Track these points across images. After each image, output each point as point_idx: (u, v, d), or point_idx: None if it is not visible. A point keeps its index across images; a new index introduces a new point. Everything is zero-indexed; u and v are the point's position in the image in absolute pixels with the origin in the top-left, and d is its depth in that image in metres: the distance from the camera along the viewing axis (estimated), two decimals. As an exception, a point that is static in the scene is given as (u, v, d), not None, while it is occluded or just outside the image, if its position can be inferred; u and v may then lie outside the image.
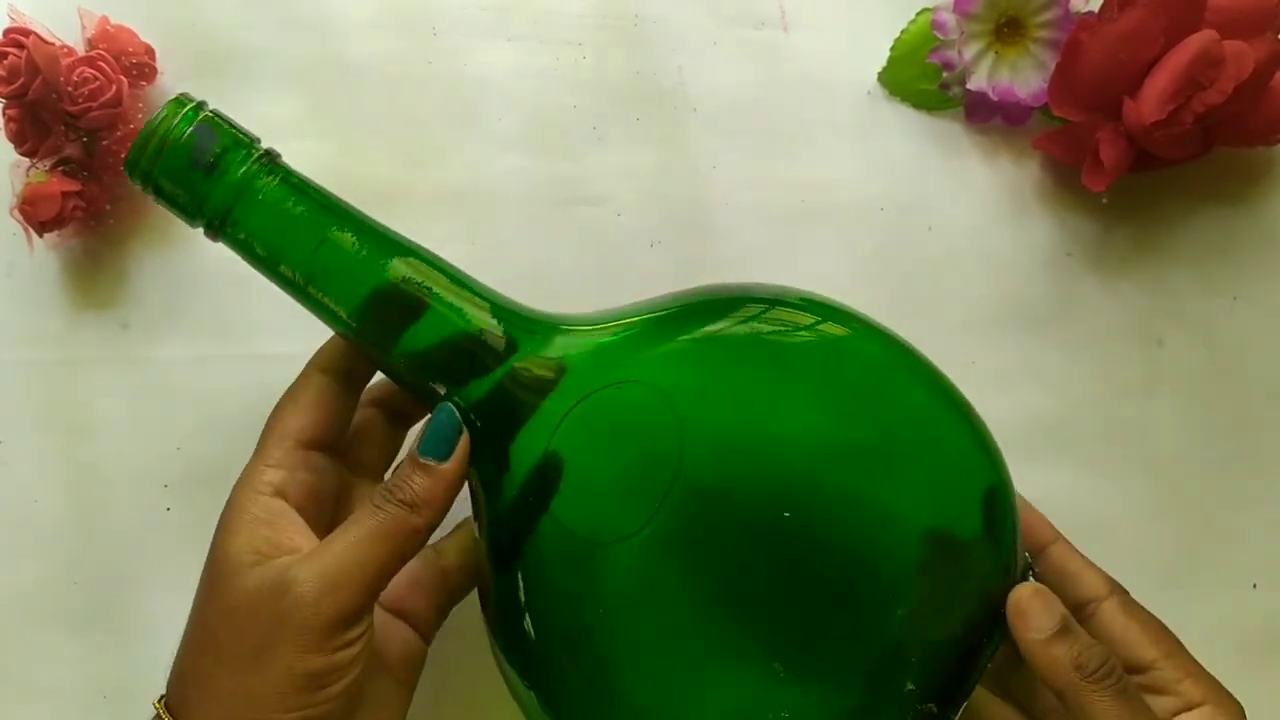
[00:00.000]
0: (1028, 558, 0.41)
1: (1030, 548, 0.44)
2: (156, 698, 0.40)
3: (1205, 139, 0.49)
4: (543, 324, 0.41)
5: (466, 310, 0.40)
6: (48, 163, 0.51)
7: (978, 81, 0.51)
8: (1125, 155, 0.49)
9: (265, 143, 0.41)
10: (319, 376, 0.42)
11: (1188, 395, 0.52)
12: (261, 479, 0.40)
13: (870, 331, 0.41)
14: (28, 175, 0.50)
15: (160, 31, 0.53)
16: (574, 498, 0.38)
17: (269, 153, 0.41)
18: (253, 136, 0.41)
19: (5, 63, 0.49)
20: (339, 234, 0.40)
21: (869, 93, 0.54)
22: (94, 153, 0.51)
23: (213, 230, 0.41)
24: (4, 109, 0.51)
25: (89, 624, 0.51)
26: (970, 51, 0.51)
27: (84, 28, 0.51)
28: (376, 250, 0.40)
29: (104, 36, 0.51)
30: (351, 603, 0.37)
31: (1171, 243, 0.52)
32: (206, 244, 0.41)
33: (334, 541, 0.38)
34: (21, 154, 0.51)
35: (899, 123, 0.53)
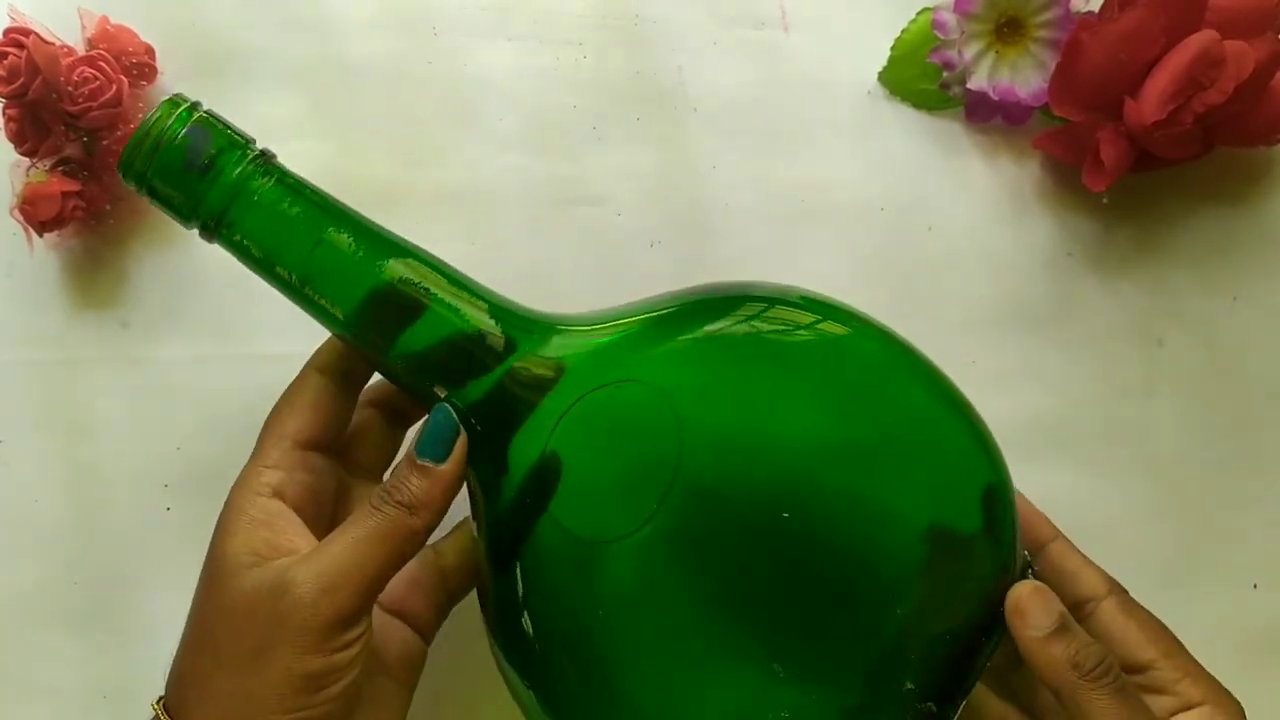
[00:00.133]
0: (1027, 556, 0.41)
1: (1029, 545, 0.44)
2: (155, 699, 0.40)
3: (1205, 139, 0.49)
4: (541, 324, 0.41)
5: (464, 310, 0.40)
6: (48, 163, 0.51)
7: (978, 81, 0.51)
8: (1125, 155, 0.49)
9: (265, 143, 0.41)
10: (317, 377, 0.42)
11: (1188, 395, 0.52)
12: (260, 480, 0.40)
13: (870, 330, 0.41)
14: (28, 175, 0.50)
15: (160, 31, 0.53)
16: (573, 497, 0.38)
17: (264, 153, 0.41)
18: (248, 137, 0.41)
19: (5, 63, 0.49)
20: (335, 235, 0.40)
21: (869, 93, 0.54)
22: (94, 153, 0.51)
23: (208, 232, 0.41)
24: (4, 109, 0.51)
25: (89, 624, 0.51)
26: (970, 51, 0.51)
27: (84, 28, 0.51)
28: (373, 251, 0.40)
29: (104, 36, 0.51)
30: (350, 604, 0.37)
31: (1171, 243, 0.52)
32: (206, 244, 0.41)
33: (332, 543, 0.38)
34: (21, 154, 0.51)
35: (899, 123, 0.53)
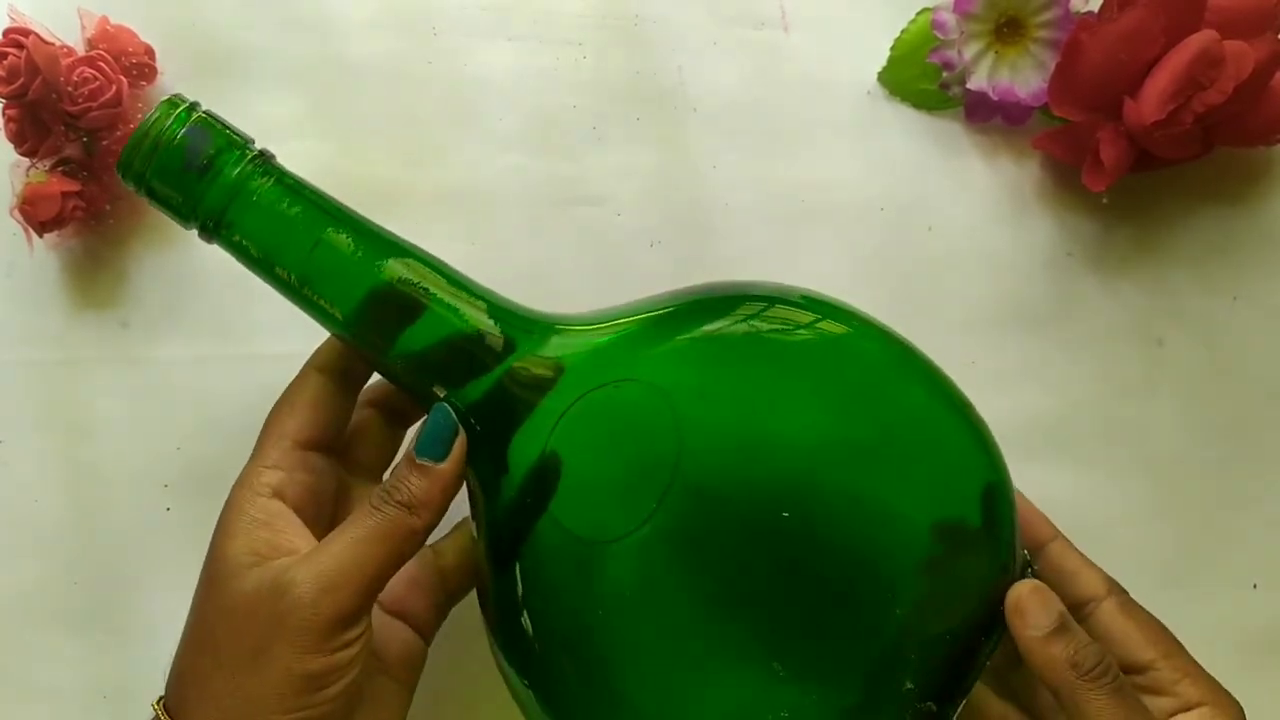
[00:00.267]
0: (1026, 555, 0.41)
1: (1029, 545, 0.44)
2: (155, 699, 0.40)
3: (1205, 139, 0.49)
4: (540, 324, 0.41)
5: (463, 310, 0.40)
6: (48, 163, 0.51)
7: (978, 81, 0.51)
8: (1125, 155, 0.49)
9: (265, 143, 0.41)
10: (316, 377, 0.42)
11: (1188, 395, 0.52)
12: (259, 480, 0.40)
13: (869, 329, 0.41)
14: (28, 175, 0.50)
15: (160, 31, 0.53)
16: (572, 497, 0.38)
17: (263, 153, 0.41)
18: (246, 137, 0.41)
19: (5, 63, 0.49)
20: (334, 235, 0.40)
21: (869, 93, 0.54)
22: (94, 153, 0.51)
23: (207, 232, 0.41)
24: (4, 109, 0.51)
25: (89, 624, 0.51)
26: (970, 51, 0.51)
27: (84, 28, 0.51)
28: (372, 251, 0.40)
29: (104, 36, 0.51)
30: (350, 603, 0.37)
31: (1171, 243, 0.52)
32: (206, 244, 0.41)
33: (332, 542, 0.38)
34: (21, 154, 0.51)
35: (899, 123, 0.53)
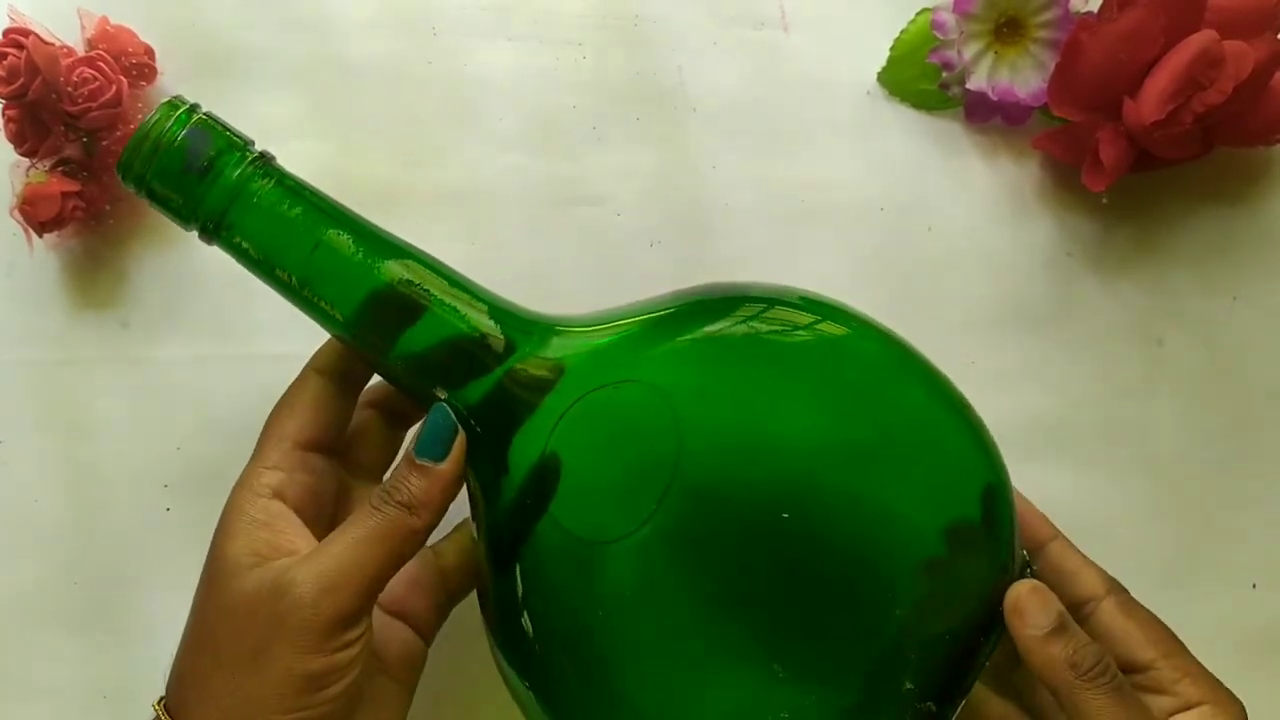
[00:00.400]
0: (1025, 555, 0.41)
1: (1029, 545, 0.44)
2: (156, 699, 0.40)
3: (1205, 139, 0.49)
4: (540, 325, 0.41)
5: (463, 312, 0.40)
6: (48, 163, 0.51)
7: (977, 81, 0.51)
8: (1125, 155, 0.49)
9: (265, 143, 0.41)
10: (316, 378, 0.42)
11: (1188, 395, 0.52)
12: (260, 481, 0.40)
13: (868, 330, 0.41)
14: (28, 175, 0.50)
15: (160, 31, 0.53)
16: (572, 498, 0.38)
17: (264, 155, 0.41)
18: (247, 139, 0.41)
19: (5, 63, 0.49)
20: (335, 237, 0.40)
21: (869, 93, 0.54)
22: (94, 153, 0.51)
23: (207, 234, 0.41)
24: (4, 109, 0.51)
25: (89, 624, 0.51)
26: (970, 51, 0.51)
27: (84, 28, 0.51)
28: (372, 253, 0.40)
29: (104, 36, 0.51)
30: (350, 604, 0.37)
31: (1171, 243, 0.52)
32: (206, 245, 0.41)
33: (332, 543, 0.38)
34: (21, 154, 0.51)
35: (899, 123, 0.53)
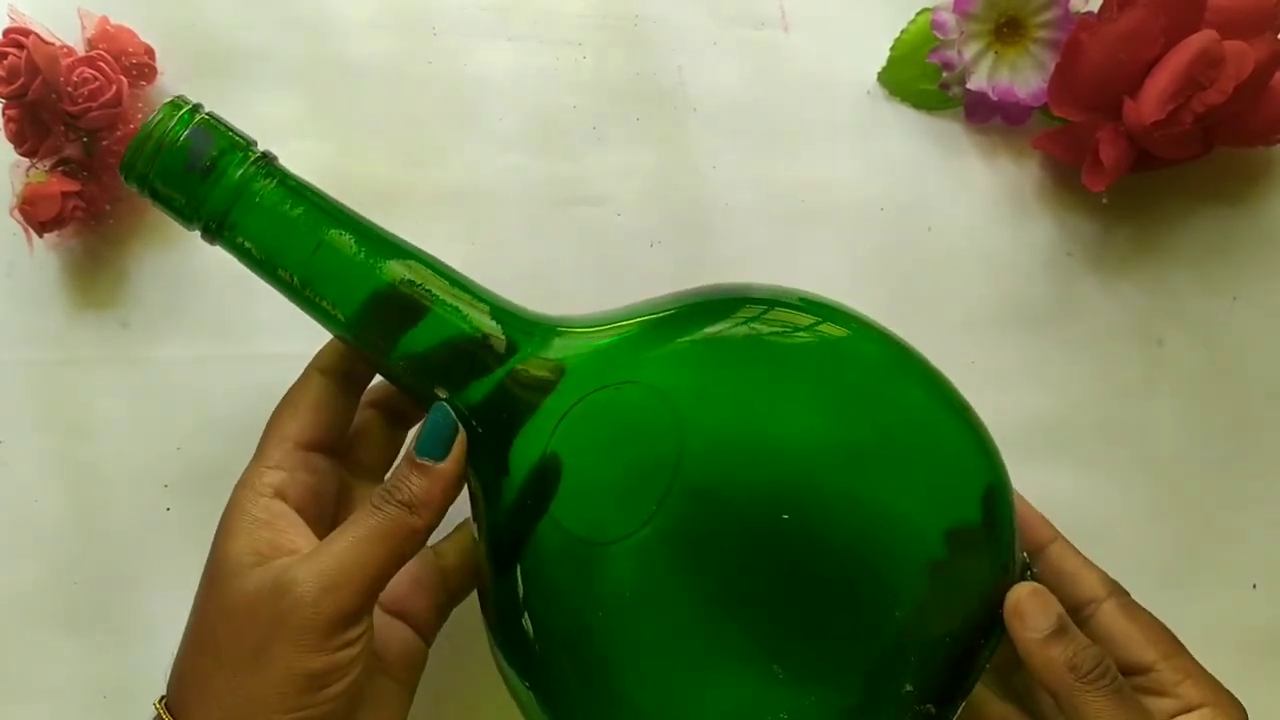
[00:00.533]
0: (1025, 557, 0.41)
1: (1029, 547, 0.44)
2: (157, 698, 0.40)
3: (1205, 139, 0.49)
4: (541, 325, 0.41)
5: (465, 312, 0.40)
6: (48, 163, 0.51)
7: (978, 81, 0.51)
8: (1125, 155, 0.49)
9: (266, 143, 0.41)
10: (319, 378, 0.42)
11: (1188, 395, 0.52)
12: (261, 480, 0.40)
13: (869, 332, 0.41)
14: (28, 175, 0.50)
15: (160, 31, 0.53)
16: (573, 498, 0.38)
17: (266, 155, 0.41)
18: (249, 139, 0.41)
19: (5, 63, 0.49)
20: (337, 237, 0.40)
21: (869, 93, 0.54)
22: (94, 153, 0.51)
23: (210, 233, 0.41)
24: (4, 109, 0.51)
25: (89, 624, 0.51)
26: (970, 51, 0.51)
27: (84, 28, 0.51)
28: (374, 253, 0.40)
29: (104, 36, 0.51)
30: (351, 602, 0.37)
31: (1171, 243, 0.52)
32: (206, 244, 0.41)
33: (333, 542, 0.38)
34: (21, 154, 0.51)
35: (899, 123, 0.53)
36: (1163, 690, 0.40)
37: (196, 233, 0.41)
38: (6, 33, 0.50)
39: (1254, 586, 0.51)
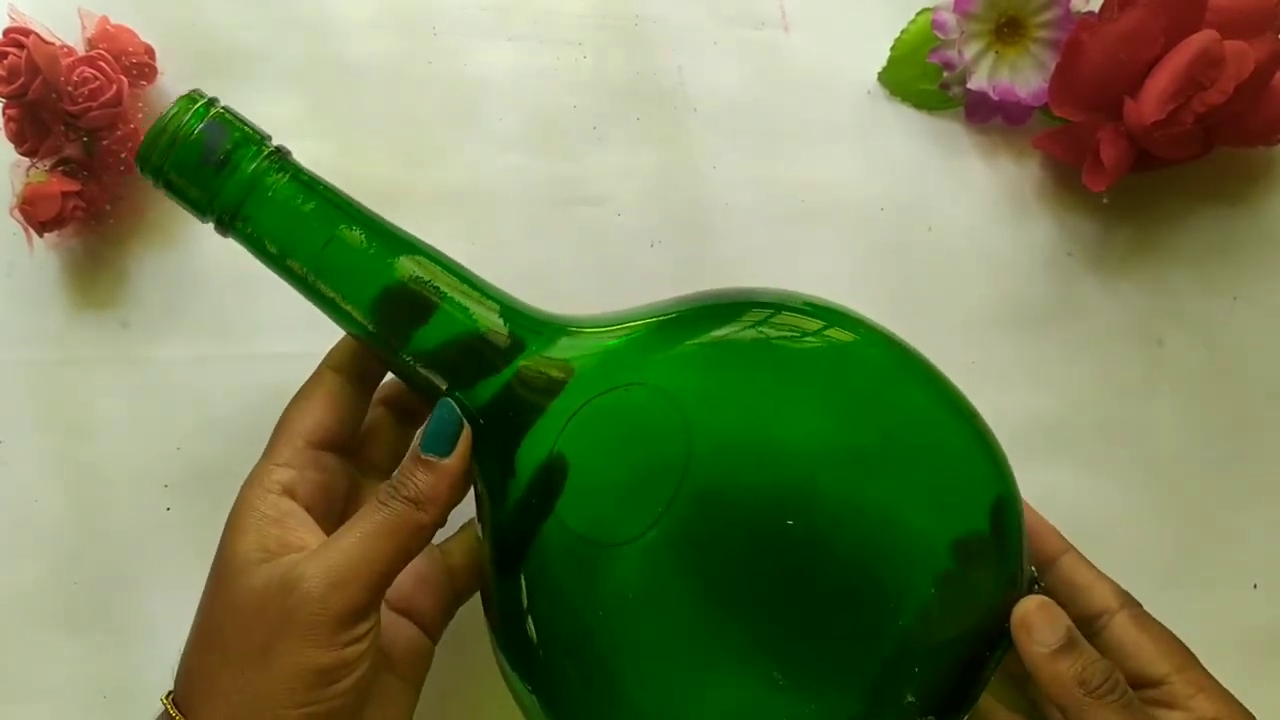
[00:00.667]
0: (1033, 570, 0.40)
1: (1040, 559, 0.44)
2: (165, 694, 0.40)
3: (1205, 139, 0.49)
4: (550, 325, 0.41)
5: (475, 310, 0.41)
6: (48, 163, 0.51)
7: (978, 81, 0.51)
8: (1125, 155, 0.49)
9: (266, 143, 0.41)
10: (331, 376, 0.42)
11: (1188, 395, 0.52)
12: (271, 478, 0.40)
13: (875, 337, 0.41)
14: (28, 175, 0.50)
15: (160, 31, 0.53)
16: (579, 500, 0.38)
17: (280, 149, 0.41)
18: (264, 133, 0.41)
19: (5, 63, 0.49)
20: (348, 232, 0.40)
21: (869, 93, 0.54)
22: (94, 153, 0.51)
23: (223, 226, 0.41)
24: (4, 109, 0.51)
25: (89, 624, 0.51)
26: (970, 51, 0.51)
27: (84, 28, 0.51)
28: (385, 249, 0.41)
29: (104, 36, 0.51)
30: (359, 598, 0.37)
31: (1171, 243, 0.52)
32: (207, 244, 0.41)
33: (340, 538, 0.38)
34: (21, 154, 0.51)
35: (899, 123, 0.53)
36: (1175, 703, 0.40)
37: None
38: (7, 32, 0.50)
39: (1254, 586, 0.51)
